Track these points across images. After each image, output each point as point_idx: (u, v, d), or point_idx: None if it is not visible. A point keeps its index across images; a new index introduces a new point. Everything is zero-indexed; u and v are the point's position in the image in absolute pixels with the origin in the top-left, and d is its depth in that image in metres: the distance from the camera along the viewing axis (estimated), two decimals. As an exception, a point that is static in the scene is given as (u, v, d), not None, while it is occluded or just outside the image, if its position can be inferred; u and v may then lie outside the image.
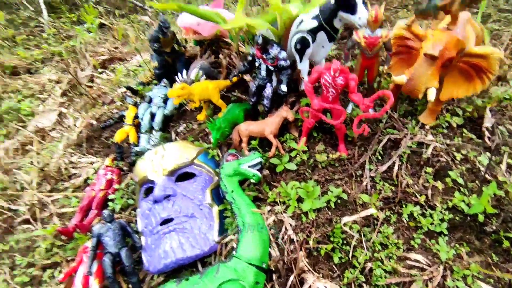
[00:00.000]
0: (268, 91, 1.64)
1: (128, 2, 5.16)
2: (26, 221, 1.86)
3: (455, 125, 1.69)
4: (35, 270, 1.60)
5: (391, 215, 1.44)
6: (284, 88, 1.57)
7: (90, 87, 3.15)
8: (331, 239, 1.37)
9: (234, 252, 1.30)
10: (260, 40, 1.51)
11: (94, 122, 2.30)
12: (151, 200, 1.48)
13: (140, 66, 3.15)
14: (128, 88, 2.20)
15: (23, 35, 4.31)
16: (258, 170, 1.53)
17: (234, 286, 1.20)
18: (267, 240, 1.35)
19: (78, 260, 1.48)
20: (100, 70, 3.32)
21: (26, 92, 3.28)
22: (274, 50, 1.54)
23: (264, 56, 1.56)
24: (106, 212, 1.46)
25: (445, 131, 1.65)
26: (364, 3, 1.52)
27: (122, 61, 3.46)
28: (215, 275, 1.23)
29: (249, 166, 1.51)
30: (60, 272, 1.57)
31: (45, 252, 1.64)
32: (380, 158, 1.59)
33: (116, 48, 3.67)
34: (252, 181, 1.53)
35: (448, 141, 1.60)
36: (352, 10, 1.52)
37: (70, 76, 3.34)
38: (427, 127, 1.65)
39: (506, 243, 1.33)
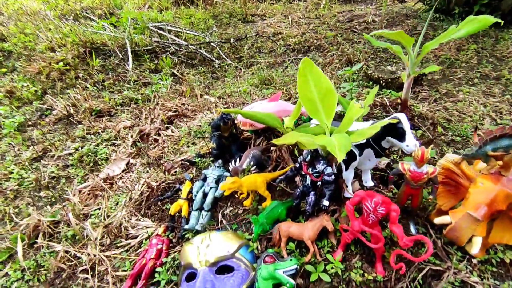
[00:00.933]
0: (311, 198, 1.73)
1: (199, 55, 5.77)
2: (86, 271, 2.14)
3: (508, 261, 1.59)
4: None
5: None
6: (326, 203, 1.66)
7: (156, 140, 3.56)
8: None
9: None
10: (308, 158, 1.64)
11: (154, 184, 2.60)
12: (192, 287, 1.63)
13: (200, 125, 3.51)
14: (187, 161, 2.48)
15: (111, 80, 4.98)
16: (293, 275, 1.61)
17: None
18: None
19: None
20: (166, 125, 3.73)
21: (104, 136, 3.78)
22: (320, 166, 1.66)
23: (310, 171, 1.68)
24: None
25: (495, 269, 1.56)
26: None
27: (187, 118, 3.85)
28: None
29: (284, 272, 1.60)
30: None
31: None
32: (418, 287, 1.55)
33: (183, 104, 4.11)
34: (285, 288, 1.60)
35: (497, 282, 1.51)
36: (401, 138, 1.59)
37: (141, 127, 3.82)
38: (474, 261, 1.58)
39: None
